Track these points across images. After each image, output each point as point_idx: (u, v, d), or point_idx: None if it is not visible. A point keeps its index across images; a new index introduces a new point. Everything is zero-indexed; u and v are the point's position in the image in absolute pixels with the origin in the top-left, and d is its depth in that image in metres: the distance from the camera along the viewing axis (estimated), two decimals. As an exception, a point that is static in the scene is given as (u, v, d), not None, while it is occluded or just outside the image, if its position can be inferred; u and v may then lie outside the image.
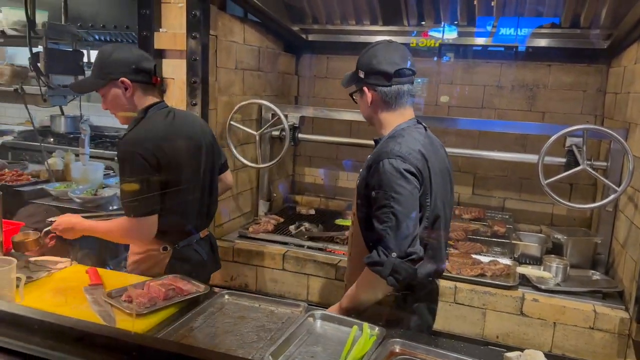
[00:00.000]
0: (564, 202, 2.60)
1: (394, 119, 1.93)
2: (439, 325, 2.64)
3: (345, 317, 1.79)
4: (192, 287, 1.91)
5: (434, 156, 1.89)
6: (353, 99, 2.03)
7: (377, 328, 1.69)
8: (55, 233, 2.16)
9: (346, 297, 1.94)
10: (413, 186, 1.76)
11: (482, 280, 2.63)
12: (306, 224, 3.53)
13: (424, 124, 1.98)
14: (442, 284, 2.63)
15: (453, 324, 2.63)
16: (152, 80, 2.16)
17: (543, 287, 2.60)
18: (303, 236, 3.24)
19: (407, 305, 1.96)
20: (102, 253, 2.80)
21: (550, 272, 2.69)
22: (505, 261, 2.82)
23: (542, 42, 3.48)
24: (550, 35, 3.42)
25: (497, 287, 2.60)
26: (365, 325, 1.69)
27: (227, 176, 2.51)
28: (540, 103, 3.63)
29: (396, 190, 1.73)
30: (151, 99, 2.15)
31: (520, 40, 3.40)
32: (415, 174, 1.77)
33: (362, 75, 1.91)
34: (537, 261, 2.90)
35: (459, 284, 2.62)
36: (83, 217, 2.20)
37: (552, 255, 2.81)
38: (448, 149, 3.17)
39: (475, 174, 3.81)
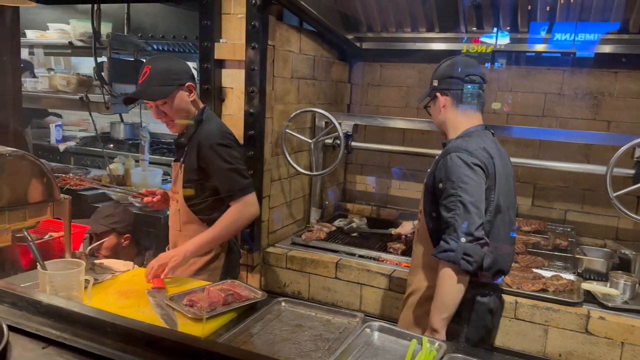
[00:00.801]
0: (635, 216, 2.47)
1: (462, 123, 2.06)
2: (497, 341, 2.56)
3: (404, 330, 1.76)
4: (250, 293, 1.93)
5: (500, 159, 1.99)
6: (428, 111, 2.19)
7: (437, 342, 1.65)
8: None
9: (432, 312, 1.90)
10: (479, 177, 1.87)
11: (544, 295, 2.53)
12: (356, 220, 3.62)
13: (492, 130, 2.09)
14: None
15: (513, 340, 2.54)
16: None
17: (610, 304, 2.47)
18: (352, 232, 3.44)
19: (466, 301, 1.96)
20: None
21: (617, 289, 2.55)
22: (569, 276, 2.70)
23: (607, 49, 3.32)
24: (616, 41, 3.27)
25: (560, 303, 2.49)
26: (425, 339, 1.65)
27: None
28: (606, 112, 3.47)
29: (463, 180, 1.85)
30: (201, 102, 2.35)
31: (579, 46, 3.27)
32: (482, 167, 1.89)
33: (435, 83, 2.07)
34: (602, 277, 2.76)
35: (519, 299, 2.52)
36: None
37: (619, 272, 2.66)
38: (507, 159, 3.11)
39: (535, 184, 3.68)
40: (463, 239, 1.81)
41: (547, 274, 2.72)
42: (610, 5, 2.99)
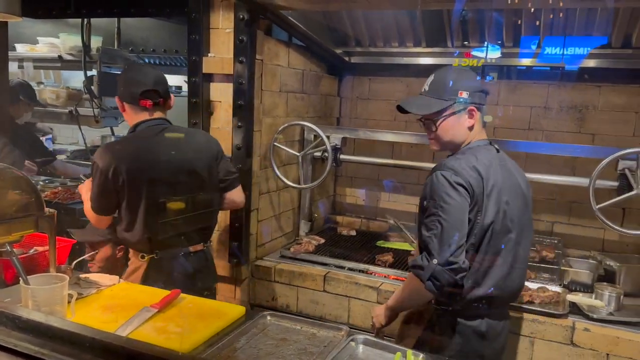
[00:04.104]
0: (617, 227, 2.50)
1: (473, 137, 2.02)
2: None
3: (388, 343, 1.77)
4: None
5: (499, 177, 1.91)
6: (430, 125, 2.01)
7: (421, 355, 1.66)
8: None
9: (393, 296, 2.08)
10: (463, 198, 1.81)
11: (530, 307, 2.54)
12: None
13: (496, 145, 2.03)
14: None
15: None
16: (139, 103, 2.29)
17: (595, 316, 2.49)
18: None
19: (448, 322, 1.94)
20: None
21: (602, 301, 2.57)
22: (555, 288, 2.72)
23: (591, 63, 3.38)
24: (599, 55, 3.33)
25: (546, 315, 2.50)
26: (409, 352, 1.66)
27: (234, 194, 2.58)
28: (590, 125, 3.52)
29: (445, 200, 1.80)
30: (142, 117, 2.30)
31: (568, 60, 3.33)
32: (466, 187, 1.82)
33: (465, 95, 1.94)
34: (587, 289, 2.79)
35: (505, 311, 2.54)
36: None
37: (604, 283, 2.68)
38: (493, 172, 3.14)
39: (521, 197, 3.71)
40: (435, 261, 1.77)
41: (533, 285, 2.74)
42: (594, 20, 3.05)
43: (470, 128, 1.98)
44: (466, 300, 1.92)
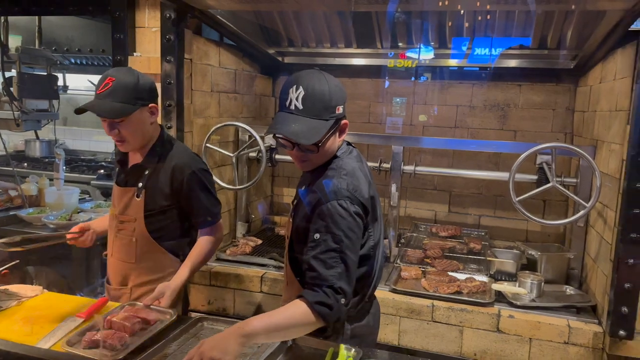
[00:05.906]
0: (535, 218, 2.65)
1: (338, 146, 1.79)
2: (416, 344, 2.65)
3: (322, 340, 1.79)
4: (158, 315, 1.86)
5: (370, 182, 1.81)
6: (312, 149, 1.69)
7: (353, 349, 1.69)
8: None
9: (261, 324, 1.56)
10: (359, 229, 1.69)
11: (458, 297, 2.65)
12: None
13: (353, 145, 1.86)
14: (420, 302, 2.65)
15: (431, 343, 2.64)
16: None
17: (518, 303, 2.63)
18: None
19: (339, 329, 1.87)
20: (74, 280, 2.73)
21: (525, 288, 2.72)
22: (481, 278, 2.85)
23: (513, 63, 3.57)
24: (519, 56, 3.52)
25: (473, 304, 2.62)
26: (342, 346, 1.69)
27: None
28: (512, 122, 3.71)
29: (347, 235, 1.64)
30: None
31: (493, 61, 3.50)
32: (361, 215, 1.70)
33: (340, 110, 1.69)
34: (512, 277, 2.93)
35: (435, 302, 2.63)
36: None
37: (527, 272, 2.84)
38: (424, 168, 3.27)
39: (451, 192, 3.86)
40: (343, 300, 1.61)
41: (461, 276, 2.86)
42: (512, 23, 3.21)
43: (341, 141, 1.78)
44: (359, 309, 1.87)
